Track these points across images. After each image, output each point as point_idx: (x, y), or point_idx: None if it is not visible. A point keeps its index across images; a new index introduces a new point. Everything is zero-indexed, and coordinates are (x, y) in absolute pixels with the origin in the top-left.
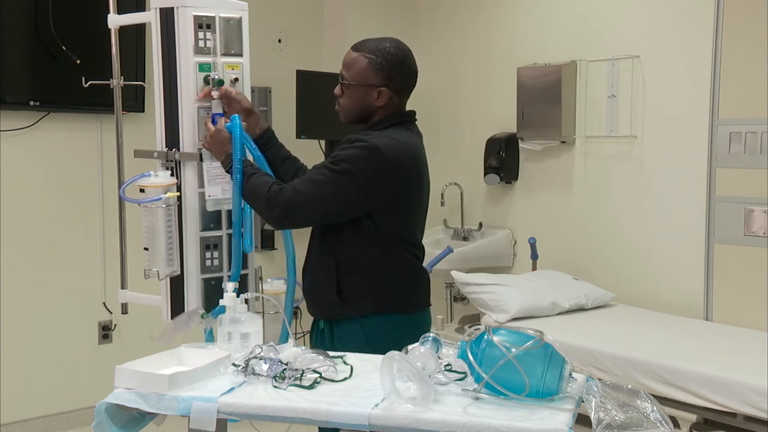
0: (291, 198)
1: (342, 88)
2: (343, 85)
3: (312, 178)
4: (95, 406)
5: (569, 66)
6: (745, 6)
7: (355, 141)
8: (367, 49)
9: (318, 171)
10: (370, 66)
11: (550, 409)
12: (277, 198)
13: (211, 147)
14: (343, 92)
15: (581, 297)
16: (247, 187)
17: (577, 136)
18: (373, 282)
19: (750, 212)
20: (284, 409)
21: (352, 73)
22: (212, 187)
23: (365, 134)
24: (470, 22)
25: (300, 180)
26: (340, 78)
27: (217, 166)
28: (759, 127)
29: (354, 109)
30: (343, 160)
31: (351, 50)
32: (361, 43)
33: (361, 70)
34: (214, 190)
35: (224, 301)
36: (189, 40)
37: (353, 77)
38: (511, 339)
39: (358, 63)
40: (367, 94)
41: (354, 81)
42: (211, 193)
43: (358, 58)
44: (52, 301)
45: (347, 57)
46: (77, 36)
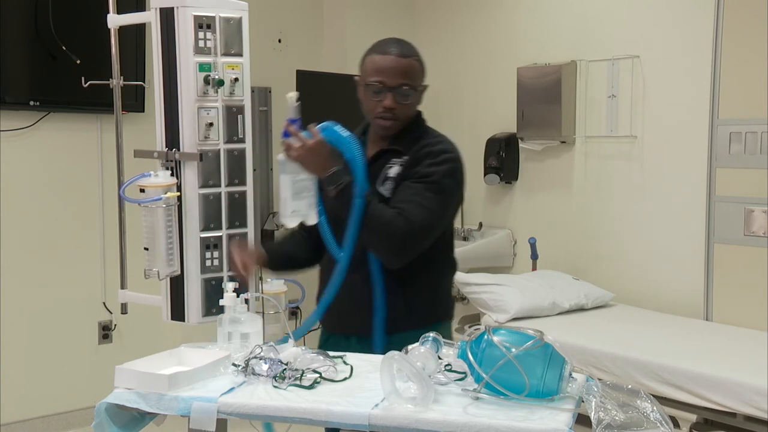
0: (413, 229)
1: (399, 100)
2: (408, 95)
3: (421, 203)
4: (95, 406)
5: (569, 66)
6: (745, 6)
7: (441, 153)
8: (412, 53)
9: (419, 194)
10: (421, 68)
11: (550, 409)
12: (401, 229)
13: (307, 160)
14: (400, 103)
15: (581, 297)
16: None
17: (577, 136)
18: (439, 288)
19: (750, 212)
20: (284, 409)
21: (416, 80)
22: (297, 201)
23: (438, 139)
24: (470, 22)
25: (406, 207)
26: (399, 89)
27: (304, 179)
28: (759, 127)
29: (411, 115)
30: (444, 177)
31: (399, 57)
32: (401, 47)
33: (418, 74)
34: (299, 204)
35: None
36: (189, 40)
37: (417, 83)
38: (511, 339)
39: (414, 68)
40: (419, 97)
41: (419, 87)
42: (296, 207)
43: (413, 64)
44: (52, 300)
45: (403, 65)
46: (77, 36)
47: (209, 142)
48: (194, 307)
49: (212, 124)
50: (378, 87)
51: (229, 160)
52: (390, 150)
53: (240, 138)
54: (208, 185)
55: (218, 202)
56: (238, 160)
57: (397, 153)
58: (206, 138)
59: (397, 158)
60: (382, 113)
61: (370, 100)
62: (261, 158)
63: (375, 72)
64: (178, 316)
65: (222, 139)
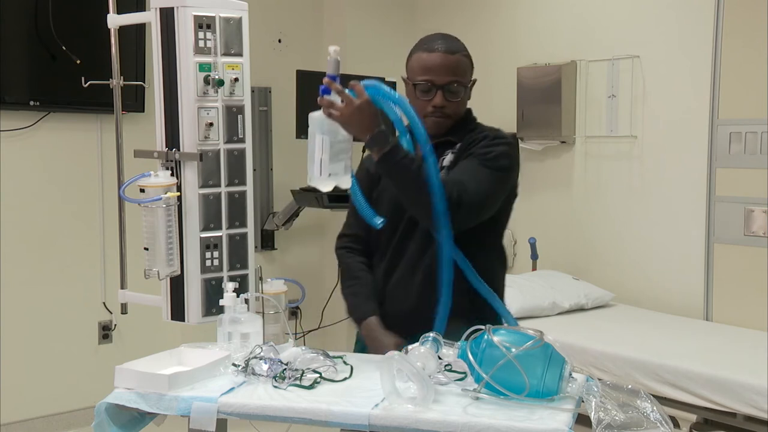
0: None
1: (448, 98)
2: (457, 92)
3: (475, 176)
4: (95, 406)
5: (569, 66)
6: (745, 6)
7: (496, 136)
8: (459, 49)
9: (473, 169)
10: (469, 63)
11: (550, 409)
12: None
13: (352, 121)
14: (450, 101)
15: (581, 297)
16: (421, 176)
17: (577, 136)
18: (500, 283)
19: (750, 212)
20: (284, 409)
21: (465, 76)
22: (334, 164)
23: (492, 127)
24: (470, 22)
25: (458, 178)
26: (449, 86)
27: (343, 141)
28: (759, 127)
29: (462, 112)
30: (499, 156)
31: (447, 54)
32: (447, 43)
33: (467, 69)
34: (336, 167)
35: (224, 301)
36: (189, 40)
37: (467, 79)
38: (511, 339)
39: (463, 64)
40: (469, 93)
41: (468, 82)
42: (333, 170)
43: (461, 59)
44: (52, 301)
45: (450, 62)
46: (77, 36)
47: (209, 142)
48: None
49: (212, 124)
50: (427, 86)
51: (229, 160)
52: (443, 143)
53: (240, 138)
54: (208, 185)
55: (218, 202)
56: (238, 160)
57: (450, 144)
58: (206, 138)
59: (449, 149)
60: (433, 112)
61: (419, 100)
62: (261, 158)
63: (423, 70)
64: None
65: (222, 139)
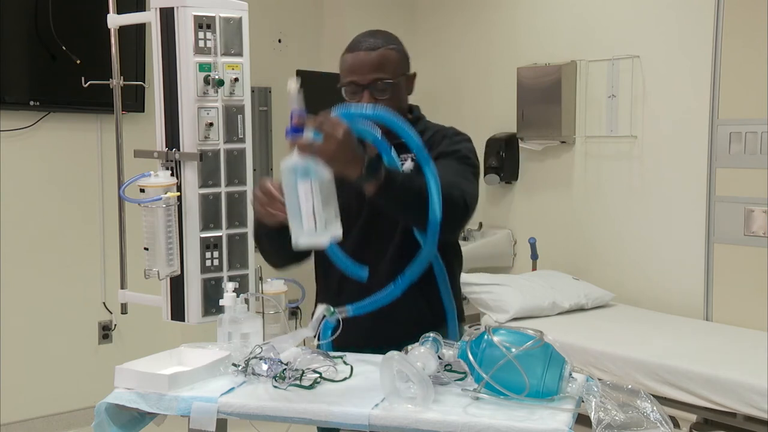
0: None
1: (376, 95)
2: (384, 89)
3: (462, 175)
4: (95, 406)
5: (569, 66)
6: (745, 6)
7: (456, 134)
8: (384, 43)
9: (454, 167)
10: (398, 57)
11: (550, 409)
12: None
13: (338, 157)
14: (379, 99)
15: (581, 297)
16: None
17: (577, 136)
18: (458, 282)
19: (750, 212)
20: (284, 409)
21: (392, 71)
22: (327, 211)
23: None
24: (470, 22)
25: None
26: (374, 84)
27: (329, 183)
28: (759, 127)
29: (399, 109)
30: (469, 153)
31: (368, 51)
32: (371, 40)
33: (394, 64)
34: (329, 215)
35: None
36: (189, 40)
37: (396, 73)
38: (511, 339)
39: (387, 59)
40: (403, 87)
41: (398, 78)
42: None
43: (385, 54)
44: (52, 301)
45: (372, 59)
46: (77, 36)
47: (209, 142)
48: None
49: (212, 124)
50: (352, 87)
51: (229, 160)
52: (395, 145)
53: (240, 138)
54: (208, 185)
55: (218, 202)
56: (238, 160)
57: (403, 148)
58: (206, 138)
59: (405, 152)
60: None
61: (350, 102)
62: (261, 158)
63: (346, 71)
64: (178, 316)
65: (222, 139)
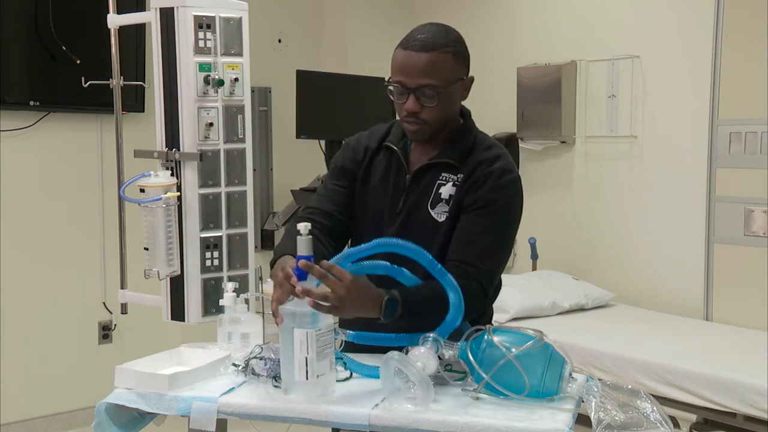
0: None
1: (423, 102)
2: (432, 96)
3: (492, 244)
4: (95, 406)
5: (569, 66)
6: (745, 6)
7: (502, 174)
8: (441, 44)
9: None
10: (454, 61)
11: (550, 409)
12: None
13: (348, 305)
14: (426, 105)
15: (581, 297)
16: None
17: (577, 136)
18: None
19: (750, 212)
20: (284, 409)
21: (443, 77)
22: (322, 362)
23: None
24: (470, 22)
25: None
26: (421, 90)
27: (328, 332)
28: (759, 127)
29: (446, 117)
30: (509, 204)
31: (420, 52)
32: (427, 37)
33: (447, 69)
34: (324, 366)
35: (224, 301)
36: (189, 40)
37: (447, 79)
38: (511, 339)
39: (441, 63)
40: (456, 93)
41: (450, 84)
42: (321, 370)
43: (439, 58)
44: (52, 301)
45: (423, 62)
46: (77, 36)
47: (209, 142)
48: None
49: (212, 124)
50: (399, 88)
51: (229, 160)
52: (439, 164)
53: (240, 138)
54: (208, 185)
55: (218, 202)
56: (238, 160)
57: (449, 166)
58: (206, 138)
59: (448, 173)
60: (406, 117)
61: (395, 102)
62: (261, 158)
63: (396, 70)
64: (178, 316)
65: (222, 139)
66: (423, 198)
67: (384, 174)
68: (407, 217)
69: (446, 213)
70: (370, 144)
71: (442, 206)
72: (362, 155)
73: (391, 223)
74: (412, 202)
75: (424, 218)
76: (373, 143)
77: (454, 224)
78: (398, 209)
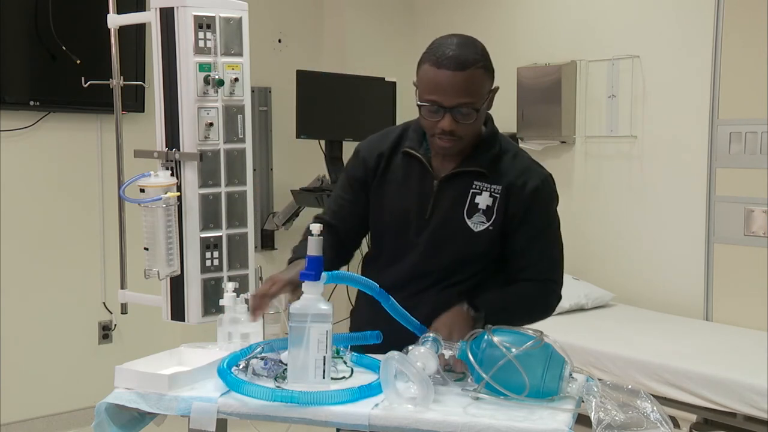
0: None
1: (459, 119)
2: (469, 113)
3: (557, 258)
4: (95, 406)
5: (569, 66)
6: (745, 6)
7: (545, 186)
8: (473, 61)
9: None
10: (486, 75)
11: (550, 409)
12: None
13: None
14: (461, 123)
15: (581, 297)
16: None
17: (577, 136)
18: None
19: (750, 212)
20: (284, 409)
21: (478, 94)
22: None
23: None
24: (470, 22)
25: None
26: (458, 108)
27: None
28: (759, 127)
29: (478, 132)
30: (556, 215)
31: (456, 71)
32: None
33: (481, 85)
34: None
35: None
36: (189, 40)
37: (482, 95)
38: (511, 339)
39: (476, 80)
40: (487, 106)
41: (484, 99)
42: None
43: (474, 75)
44: (52, 301)
45: (460, 81)
46: (77, 36)
47: (209, 142)
48: (194, 307)
49: (212, 124)
50: (434, 107)
51: (229, 160)
52: (469, 172)
53: (240, 138)
54: (208, 185)
55: (218, 202)
56: (238, 160)
57: (479, 175)
58: (206, 138)
59: (480, 182)
60: (441, 134)
61: (426, 119)
62: (261, 158)
63: (429, 89)
64: (178, 316)
65: (222, 139)
66: (457, 206)
67: (404, 178)
68: (439, 225)
69: (485, 224)
70: (383, 149)
71: (479, 216)
72: (375, 162)
73: (421, 228)
74: (443, 210)
75: (459, 227)
76: (386, 148)
77: (497, 235)
78: (427, 215)
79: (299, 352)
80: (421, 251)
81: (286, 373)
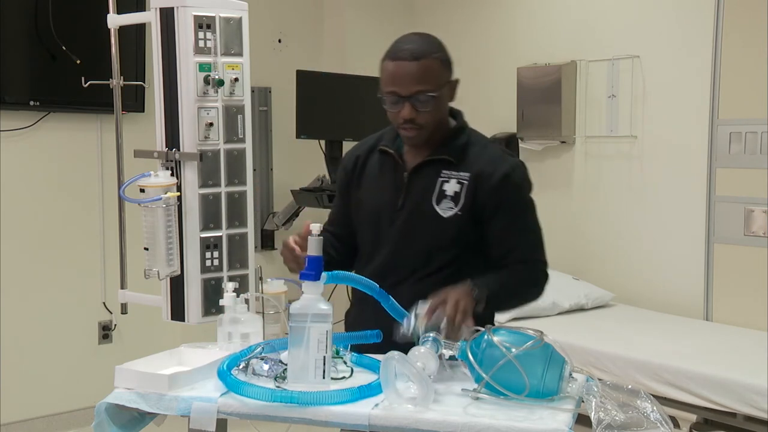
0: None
1: (418, 108)
2: (427, 101)
3: (538, 238)
4: (95, 406)
5: (569, 66)
6: (745, 6)
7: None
8: (427, 52)
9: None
10: (441, 65)
11: (550, 409)
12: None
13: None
14: (421, 111)
15: (581, 297)
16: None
17: (577, 136)
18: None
19: (750, 212)
20: (284, 409)
21: (434, 82)
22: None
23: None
24: (470, 22)
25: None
26: (415, 97)
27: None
28: (759, 127)
29: (439, 119)
30: (529, 195)
31: (410, 61)
32: (413, 47)
33: (437, 74)
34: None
35: (224, 301)
36: (189, 40)
37: (439, 83)
38: (511, 339)
39: (430, 69)
40: (445, 96)
41: (442, 87)
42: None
43: (428, 65)
44: (52, 301)
45: (415, 70)
46: (77, 36)
47: (209, 142)
48: (194, 307)
49: (212, 124)
50: (393, 98)
51: (229, 160)
52: (437, 161)
53: (240, 138)
54: (208, 185)
55: (218, 202)
56: (238, 160)
57: (447, 163)
58: (206, 138)
59: (448, 170)
60: (403, 124)
61: (389, 111)
62: (261, 158)
63: (388, 81)
64: (178, 316)
65: (222, 139)
66: (426, 194)
67: (379, 174)
68: (410, 214)
69: (453, 209)
70: (361, 152)
71: (447, 203)
72: (352, 164)
73: (393, 219)
74: (414, 199)
75: (428, 214)
76: (363, 150)
77: (468, 221)
78: (398, 206)
79: (299, 352)
80: (396, 240)
81: (286, 374)
